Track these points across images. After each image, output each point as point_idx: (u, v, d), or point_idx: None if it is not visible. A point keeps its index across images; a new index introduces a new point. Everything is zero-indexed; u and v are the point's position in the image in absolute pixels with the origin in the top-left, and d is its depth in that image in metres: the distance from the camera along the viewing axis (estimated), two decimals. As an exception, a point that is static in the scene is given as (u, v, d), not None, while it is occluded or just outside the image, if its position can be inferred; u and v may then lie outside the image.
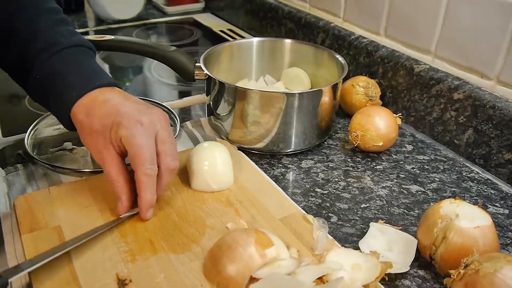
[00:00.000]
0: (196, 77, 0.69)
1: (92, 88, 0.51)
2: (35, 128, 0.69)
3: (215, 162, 0.56)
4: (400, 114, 0.69)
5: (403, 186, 0.61)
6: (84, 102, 0.50)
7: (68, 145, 0.66)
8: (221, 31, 1.19)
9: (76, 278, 0.44)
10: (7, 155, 0.66)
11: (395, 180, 0.62)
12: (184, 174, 0.59)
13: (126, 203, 0.51)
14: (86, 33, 1.16)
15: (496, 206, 0.58)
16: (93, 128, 0.49)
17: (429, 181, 0.62)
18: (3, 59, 0.55)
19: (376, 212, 0.57)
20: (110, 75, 0.54)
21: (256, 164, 0.64)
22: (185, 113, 0.79)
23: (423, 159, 0.67)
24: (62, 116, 0.52)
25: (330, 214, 0.56)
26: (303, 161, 0.66)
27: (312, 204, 0.58)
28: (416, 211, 0.57)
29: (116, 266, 0.46)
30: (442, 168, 0.65)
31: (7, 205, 0.56)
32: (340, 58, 0.71)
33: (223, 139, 0.69)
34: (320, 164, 0.65)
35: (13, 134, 0.70)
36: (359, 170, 0.64)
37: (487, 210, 0.57)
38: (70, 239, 0.48)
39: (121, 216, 0.51)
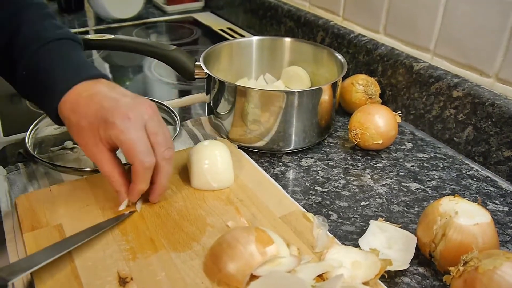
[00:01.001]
0: (196, 76, 0.69)
1: (78, 81, 0.50)
2: (36, 127, 0.69)
3: (216, 160, 0.57)
4: (399, 112, 0.69)
5: (402, 184, 0.62)
6: (70, 98, 0.49)
7: (69, 144, 0.66)
8: (221, 30, 1.19)
9: (78, 276, 0.44)
10: (8, 154, 0.66)
11: (395, 178, 0.63)
12: (185, 173, 0.59)
13: (125, 195, 0.51)
14: (86, 32, 1.16)
15: (496, 203, 0.58)
16: (80, 126, 0.48)
17: (428, 179, 0.63)
18: None
19: (376, 210, 0.57)
20: (96, 67, 0.54)
21: (257, 163, 0.64)
22: (186, 112, 0.79)
23: (423, 157, 0.67)
24: (50, 112, 0.52)
25: (330, 212, 0.56)
26: (303, 160, 0.66)
27: (312, 202, 0.58)
28: (415, 209, 0.57)
29: (117, 264, 0.46)
30: (441, 165, 0.66)
31: (8, 204, 0.56)
32: (340, 57, 0.71)
33: (223, 137, 0.69)
34: (320, 162, 0.66)
35: (14, 133, 0.70)
36: (359, 168, 0.65)
37: (487, 207, 0.57)
38: (72, 235, 0.48)
39: (124, 214, 0.52)
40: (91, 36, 0.70)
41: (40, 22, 0.54)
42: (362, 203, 0.58)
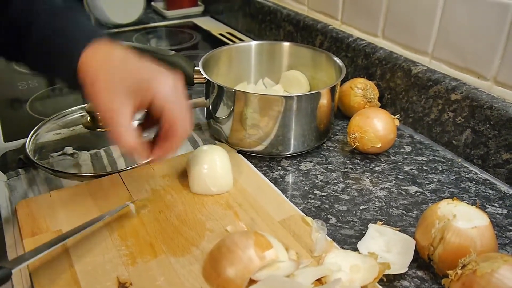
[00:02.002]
0: (195, 81, 0.69)
1: (97, 39, 0.49)
2: (36, 133, 0.69)
3: (215, 165, 0.57)
4: (398, 115, 0.70)
5: (401, 187, 0.62)
6: (96, 54, 0.48)
7: (69, 149, 0.66)
8: (221, 34, 1.20)
9: (77, 281, 0.45)
10: (9, 160, 0.66)
11: (394, 181, 0.63)
12: (184, 178, 0.59)
13: (143, 153, 0.49)
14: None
15: (495, 206, 0.58)
16: (111, 82, 0.47)
17: (427, 182, 0.63)
18: None
19: (375, 213, 0.57)
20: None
21: (256, 167, 0.64)
22: (185, 117, 0.79)
23: (422, 160, 0.68)
24: (67, 72, 0.49)
25: (329, 216, 0.56)
26: (302, 164, 0.66)
27: (311, 206, 0.58)
28: (414, 212, 0.57)
29: (117, 269, 0.46)
30: (440, 169, 0.66)
31: (8, 209, 0.56)
32: (338, 61, 0.71)
33: (223, 142, 0.69)
34: (319, 166, 0.66)
35: (14, 139, 0.71)
36: (357, 171, 0.65)
37: (486, 210, 0.57)
38: (69, 230, 0.48)
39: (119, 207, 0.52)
40: (91, 42, 0.70)
41: None
42: (361, 207, 0.58)
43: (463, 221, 0.46)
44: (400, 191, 0.61)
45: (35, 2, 0.52)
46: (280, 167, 0.65)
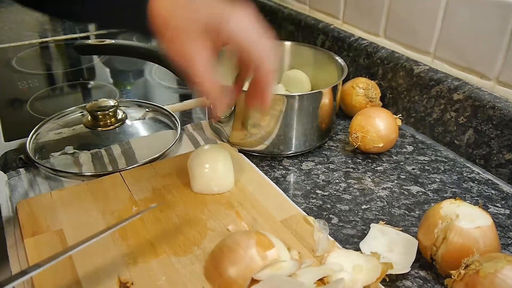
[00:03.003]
0: (196, 80, 0.69)
1: None
2: (36, 133, 0.69)
3: (216, 164, 0.57)
4: (400, 115, 0.70)
5: (403, 187, 0.62)
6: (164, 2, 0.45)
7: (70, 149, 0.66)
8: (222, 34, 1.19)
9: (79, 281, 0.44)
10: (9, 160, 0.66)
11: (396, 181, 0.63)
12: (185, 177, 0.59)
13: (222, 103, 0.48)
14: (87, 37, 1.16)
15: (497, 206, 0.58)
16: (184, 26, 0.44)
17: (429, 182, 0.62)
18: None
19: (377, 213, 0.57)
20: None
21: (257, 166, 0.64)
22: (186, 116, 0.79)
23: (424, 160, 0.67)
24: (135, 17, 0.46)
25: (331, 216, 0.56)
26: (303, 163, 0.66)
27: (313, 206, 0.58)
28: (417, 212, 0.57)
29: (118, 269, 0.46)
30: (442, 168, 0.65)
31: (9, 209, 0.56)
32: (340, 60, 0.71)
33: (224, 141, 0.69)
34: (320, 166, 0.66)
35: (15, 138, 0.70)
36: (359, 171, 0.65)
37: (488, 210, 0.57)
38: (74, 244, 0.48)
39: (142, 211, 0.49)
40: (92, 41, 0.70)
41: None
42: (363, 207, 0.58)
43: (466, 221, 0.45)
44: (402, 191, 0.61)
45: None
46: (281, 167, 0.65)
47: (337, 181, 0.62)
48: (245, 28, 0.45)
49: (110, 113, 0.69)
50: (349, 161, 0.67)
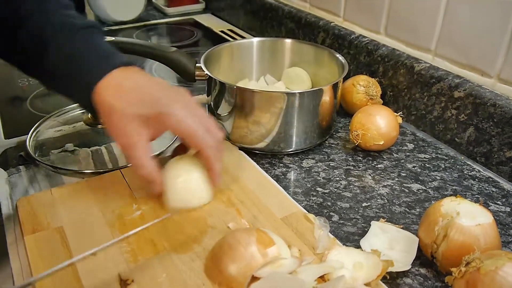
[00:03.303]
0: (196, 78, 0.69)
1: (112, 67, 0.50)
2: (37, 130, 0.69)
3: (190, 177, 0.53)
4: (401, 112, 0.70)
5: (404, 184, 0.61)
6: (111, 83, 0.49)
7: (70, 146, 0.66)
8: (222, 31, 1.19)
9: (79, 278, 0.44)
10: (9, 157, 0.66)
11: (396, 179, 0.63)
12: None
13: (161, 186, 0.52)
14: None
15: (498, 204, 0.58)
16: (127, 113, 0.48)
17: (430, 180, 0.62)
18: (10, 52, 0.53)
19: (378, 210, 0.57)
20: (123, 55, 0.54)
21: (258, 164, 0.64)
22: (186, 114, 0.79)
23: (424, 157, 0.67)
24: (82, 98, 0.51)
25: (331, 213, 0.56)
26: (304, 161, 0.66)
27: (313, 203, 0.58)
28: (417, 210, 0.57)
29: (118, 266, 0.46)
30: (443, 166, 0.65)
31: (9, 206, 0.56)
32: (341, 58, 0.71)
33: (225, 139, 0.69)
34: (321, 163, 0.66)
35: (15, 136, 0.70)
36: (360, 169, 0.65)
37: (489, 208, 0.57)
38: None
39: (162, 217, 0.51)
40: (92, 39, 0.70)
41: (66, 11, 0.53)
42: (364, 204, 0.58)
43: (466, 218, 0.45)
44: (402, 188, 0.61)
45: (52, 16, 0.52)
46: (282, 164, 0.65)
47: (337, 178, 0.62)
48: (185, 120, 0.49)
49: (110, 111, 0.68)
50: (350, 158, 0.67)
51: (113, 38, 0.70)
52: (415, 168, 0.65)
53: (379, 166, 0.65)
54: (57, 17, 0.52)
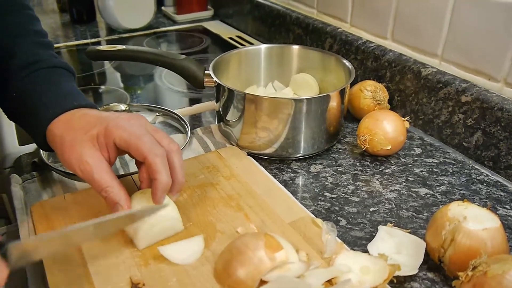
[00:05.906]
0: (205, 85, 0.70)
1: (69, 108, 0.51)
2: (50, 137, 0.70)
3: (155, 212, 0.49)
4: (408, 117, 0.70)
5: (412, 189, 0.62)
6: (62, 119, 0.51)
7: (82, 152, 0.67)
8: (230, 38, 1.21)
9: (91, 281, 0.45)
10: (24, 163, 0.67)
11: (404, 184, 0.63)
12: (194, 181, 0.60)
13: (128, 205, 0.48)
14: (98, 43, 1.18)
15: (506, 208, 0.58)
16: (77, 140, 0.48)
17: (438, 184, 0.63)
18: None
19: (385, 215, 0.57)
20: (87, 99, 0.54)
21: (266, 169, 0.65)
22: (196, 120, 0.80)
23: (432, 162, 0.68)
24: (37, 135, 0.53)
25: (339, 218, 0.57)
26: (312, 166, 0.67)
27: (321, 208, 0.58)
28: (425, 214, 0.57)
29: (130, 270, 0.47)
30: (451, 171, 0.65)
31: (24, 211, 0.58)
32: (347, 63, 0.72)
33: (233, 145, 0.70)
34: (329, 169, 0.66)
35: (29, 142, 0.72)
36: (367, 174, 0.65)
37: (497, 212, 0.57)
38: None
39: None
40: (103, 47, 0.71)
41: (36, 50, 0.56)
42: (371, 209, 0.58)
43: (473, 222, 0.45)
44: (410, 193, 0.61)
45: (16, 57, 0.54)
46: (290, 170, 0.66)
47: (345, 183, 0.63)
48: (130, 128, 0.49)
49: (121, 118, 0.70)
50: (357, 163, 0.67)
51: (124, 47, 0.71)
52: (423, 172, 0.65)
53: (386, 170, 0.66)
54: (26, 54, 0.55)
